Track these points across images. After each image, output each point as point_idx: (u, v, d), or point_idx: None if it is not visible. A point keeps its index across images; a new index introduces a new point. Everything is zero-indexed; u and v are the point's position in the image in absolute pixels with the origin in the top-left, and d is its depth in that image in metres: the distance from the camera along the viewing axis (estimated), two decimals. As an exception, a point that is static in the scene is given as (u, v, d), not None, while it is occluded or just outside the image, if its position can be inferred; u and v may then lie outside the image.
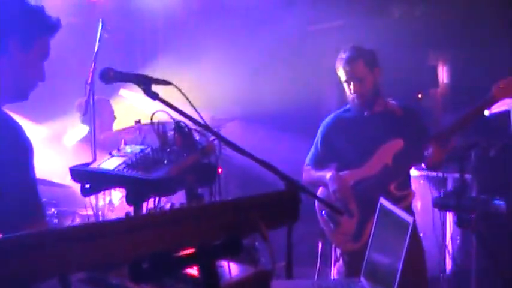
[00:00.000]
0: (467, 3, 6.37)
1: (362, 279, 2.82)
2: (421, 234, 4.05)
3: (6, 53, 2.34)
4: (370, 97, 3.87)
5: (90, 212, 4.48)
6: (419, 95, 6.92)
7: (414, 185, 4.17)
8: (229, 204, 1.53)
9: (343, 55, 3.88)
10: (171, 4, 6.95)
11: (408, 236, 2.32)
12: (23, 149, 2.23)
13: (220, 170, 5.08)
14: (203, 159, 2.34)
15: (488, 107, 3.64)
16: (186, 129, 2.37)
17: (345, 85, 3.90)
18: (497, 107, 3.82)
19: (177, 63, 6.54)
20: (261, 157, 2.35)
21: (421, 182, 5.30)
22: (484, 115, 3.76)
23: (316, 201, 3.82)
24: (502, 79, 3.59)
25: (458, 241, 5.14)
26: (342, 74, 3.88)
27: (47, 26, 2.42)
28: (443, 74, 7.28)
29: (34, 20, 2.39)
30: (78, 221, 4.96)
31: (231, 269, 2.41)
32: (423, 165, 3.85)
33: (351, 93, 3.87)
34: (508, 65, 5.41)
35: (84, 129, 5.59)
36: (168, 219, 1.43)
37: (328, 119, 4.10)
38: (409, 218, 2.38)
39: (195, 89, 3.18)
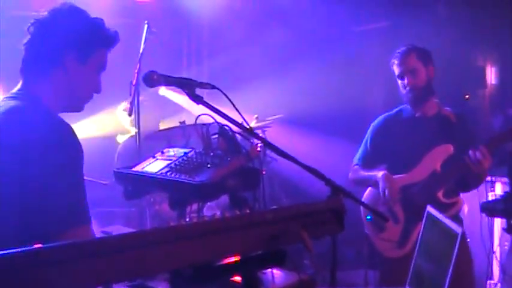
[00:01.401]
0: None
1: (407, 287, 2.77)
2: (468, 240, 3.96)
3: (64, 66, 2.35)
4: (423, 92, 3.79)
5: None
6: (467, 96, 6.82)
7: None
8: (272, 213, 1.50)
9: (398, 51, 3.85)
10: (216, 6, 6.96)
11: (456, 247, 2.26)
12: (74, 152, 2.23)
13: (264, 172, 5.10)
14: (247, 164, 2.32)
15: None
16: (230, 133, 2.36)
17: (399, 82, 3.84)
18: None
19: (222, 66, 6.56)
20: (305, 161, 2.32)
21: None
22: None
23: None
24: None
25: (506, 247, 5.03)
26: (396, 68, 3.83)
27: (106, 39, 2.43)
28: (491, 75, 7.15)
29: (93, 33, 2.40)
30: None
31: (275, 275, 2.38)
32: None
33: (404, 88, 3.81)
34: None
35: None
36: (211, 228, 1.42)
37: (378, 120, 4.05)
38: (457, 229, 2.32)
39: (240, 92, 3.17)
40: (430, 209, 2.78)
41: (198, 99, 2.32)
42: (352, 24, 6.98)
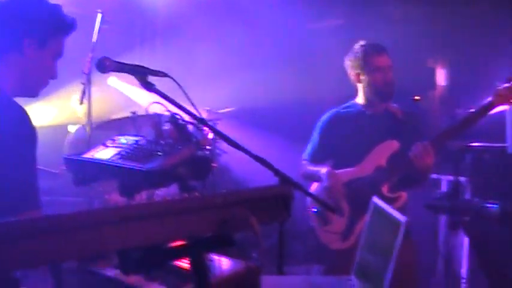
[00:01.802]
0: (465, 5, 6.37)
1: (353, 277, 2.82)
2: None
3: (21, 51, 2.34)
4: (393, 91, 3.89)
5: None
6: (417, 97, 6.92)
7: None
8: (221, 197, 1.52)
9: (361, 44, 3.93)
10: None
11: (400, 235, 2.31)
12: (29, 137, 2.23)
13: (214, 165, 5.10)
14: (197, 153, 2.34)
15: (486, 113, 3.63)
16: (181, 122, 2.37)
17: (371, 76, 3.88)
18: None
19: (175, 56, 6.53)
20: (256, 152, 2.35)
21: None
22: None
23: (308, 198, 3.82)
24: (501, 86, 3.59)
25: (450, 244, 5.14)
26: (375, 61, 3.87)
27: (63, 25, 2.43)
28: (441, 77, 7.28)
29: (51, 18, 2.40)
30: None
31: (222, 263, 2.41)
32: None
33: (383, 82, 3.86)
34: (506, 68, 5.42)
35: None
36: (159, 210, 1.43)
37: (327, 115, 4.10)
38: (402, 218, 2.38)
39: (192, 82, 3.17)
40: (375, 199, 2.83)
41: (149, 87, 2.33)
42: (308, 21, 7.02)
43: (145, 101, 5.43)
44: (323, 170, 3.84)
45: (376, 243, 2.64)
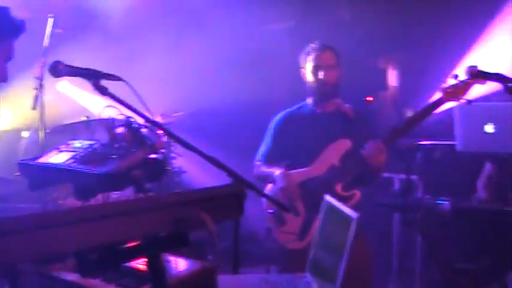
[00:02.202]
0: (413, 6, 6.50)
1: (307, 274, 2.87)
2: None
3: None
4: (333, 89, 3.92)
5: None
6: (369, 98, 7.02)
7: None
8: (175, 197, 1.55)
9: (312, 45, 3.95)
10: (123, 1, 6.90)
11: (352, 231, 2.37)
12: None
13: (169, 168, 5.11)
14: (152, 156, 2.36)
15: (435, 109, 3.71)
16: (135, 125, 2.39)
17: (311, 76, 3.93)
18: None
19: (128, 60, 6.51)
20: (210, 154, 2.39)
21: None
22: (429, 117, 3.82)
23: (263, 199, 3.85)
24: (448, 83, 3.67)
25: (403, 241, 5.24)
26: (310, 61, 3.91)
27: (12, 27, 2.41)
28: (392, 77, 7.40)
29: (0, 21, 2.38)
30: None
31: (179, 263, 2.44)
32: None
33: (316, 81, 3.90)
34: (452, 68, 5.54)
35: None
36: (114, 210, 1.45)
37: (279, 116, 4.13)
38: (353, 214, 2.43)
39: (145, 86, 3.17)
40: (327, 197, 2.89)
41: (103, 91, 2.35)
42: (260, 24, 7.06)
43: (97, 106, 5.42)
44: (277, 171, 3.87)
45: (329, 240, 2.68)
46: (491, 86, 3.58)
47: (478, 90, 3.74)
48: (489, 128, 4.39)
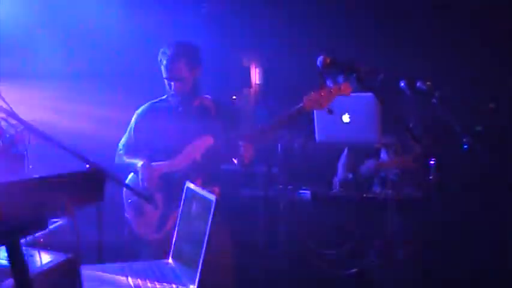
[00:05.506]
0: (279, 6, 6.67)
1: (170, 260, 2.92)
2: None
3: None
4: (189, 96, 3.99)
5: None
6: (234, 97, 7.14)
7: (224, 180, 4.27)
8: (34, 181, 1.55)
9: (167, 51, 3.94)
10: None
11: (211, 213, 2.44)
12: None
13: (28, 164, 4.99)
14: (11, 149, 2.34)
15: (298, 116, 3.82)
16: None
17: (165, 81, 3.98)
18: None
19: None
20: (70, 145, 2.39)
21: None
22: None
23: (124, 189, 3.88)
24: (312, 91, 3.78)
25: (268, 232, 5.36)
26: (164, 70, 3.95)
27: None
28: (255, 75, 7.56)
29: None
30: None
31: (41, 256, 2.42)
32: (235, 161, 3.93)
33: (171, 89, 3.97)
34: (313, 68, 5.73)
35: None
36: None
37: (142, 108, 4.15)
38: (211, 197, 2.51)
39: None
40: (188, 184, 2.96)
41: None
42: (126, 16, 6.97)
43: None
44: (139, 162, 3.90)
45: (190, 226, 2.74)
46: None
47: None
48: (346, 118, 4.57)
